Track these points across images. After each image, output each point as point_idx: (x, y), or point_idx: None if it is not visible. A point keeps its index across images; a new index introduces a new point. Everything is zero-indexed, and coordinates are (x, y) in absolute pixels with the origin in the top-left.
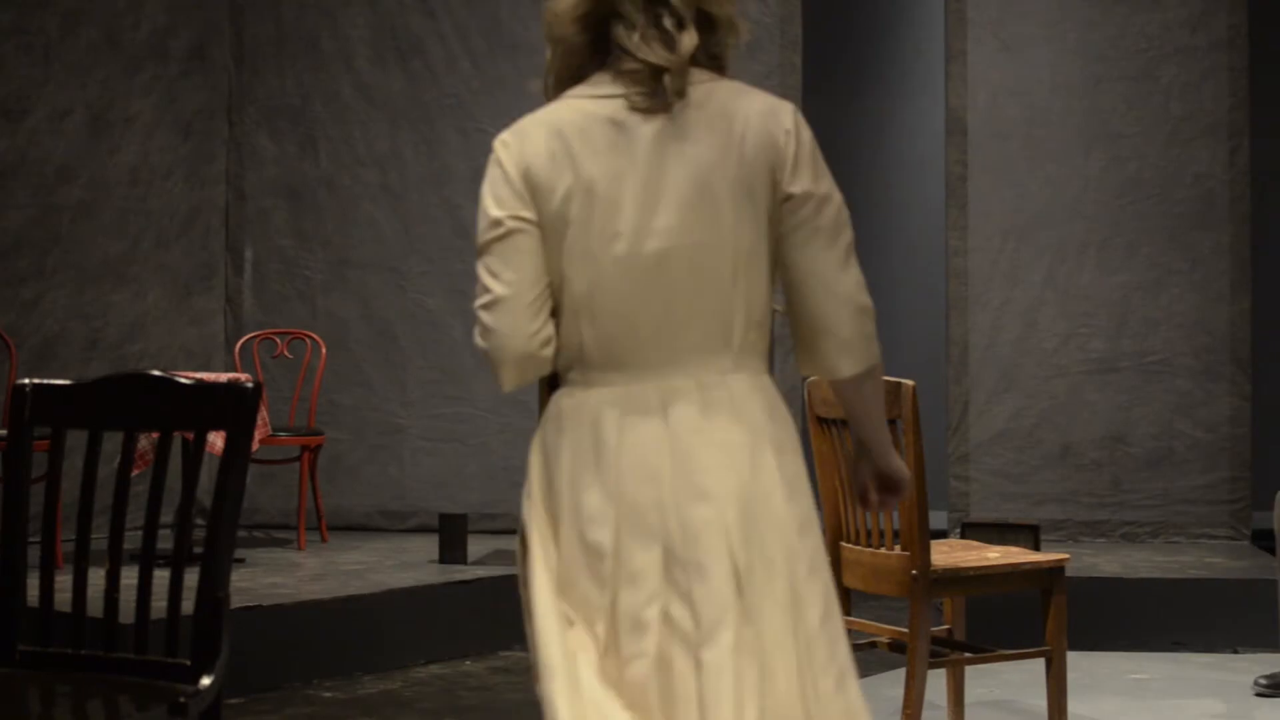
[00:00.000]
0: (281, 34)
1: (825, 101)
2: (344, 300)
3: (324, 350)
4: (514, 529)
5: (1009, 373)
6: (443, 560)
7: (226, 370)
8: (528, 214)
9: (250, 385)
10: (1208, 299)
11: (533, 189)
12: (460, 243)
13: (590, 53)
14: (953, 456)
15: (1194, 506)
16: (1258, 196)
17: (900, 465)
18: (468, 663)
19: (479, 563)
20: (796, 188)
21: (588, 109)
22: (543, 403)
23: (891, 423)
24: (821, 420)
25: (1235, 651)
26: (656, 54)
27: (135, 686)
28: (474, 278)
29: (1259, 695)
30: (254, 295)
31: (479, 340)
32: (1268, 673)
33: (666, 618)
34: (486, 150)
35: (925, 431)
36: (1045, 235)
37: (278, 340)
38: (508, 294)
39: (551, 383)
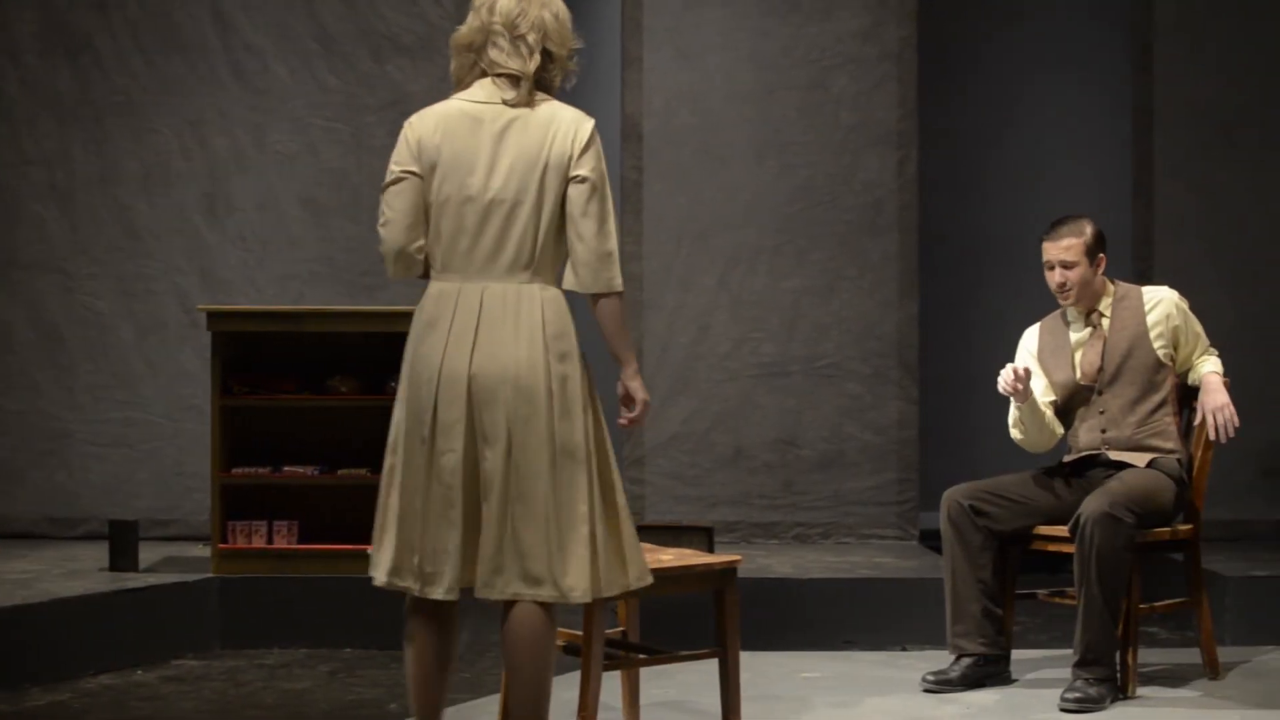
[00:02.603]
0: None
1: None
2: (8, 302)
3: None
4: (187, 536)
5: (683, 377)
6: (113, 568)
7: None
8: (414, 168)
9: None
10: (877, 305)
11: (419, 152)
12: (130, 244)
13: (472, 66)
14: (628, 460)
15: (863, 508)
16: (925, 205)
17: (637, 387)
18: (139, 672)
19: (150, 570)
20: (579, 171)
21: (464, 108)
22: None
23: None
24: None
25: (903, 649)
26: (515, 66)
27: None
28: (145, 279)
29: (926, 692)
30: None
31: (380, 246)
32: (934, 670)
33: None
34: (157, 150)
35: None
36: (719, 241)
37: None
38: (394, 217)
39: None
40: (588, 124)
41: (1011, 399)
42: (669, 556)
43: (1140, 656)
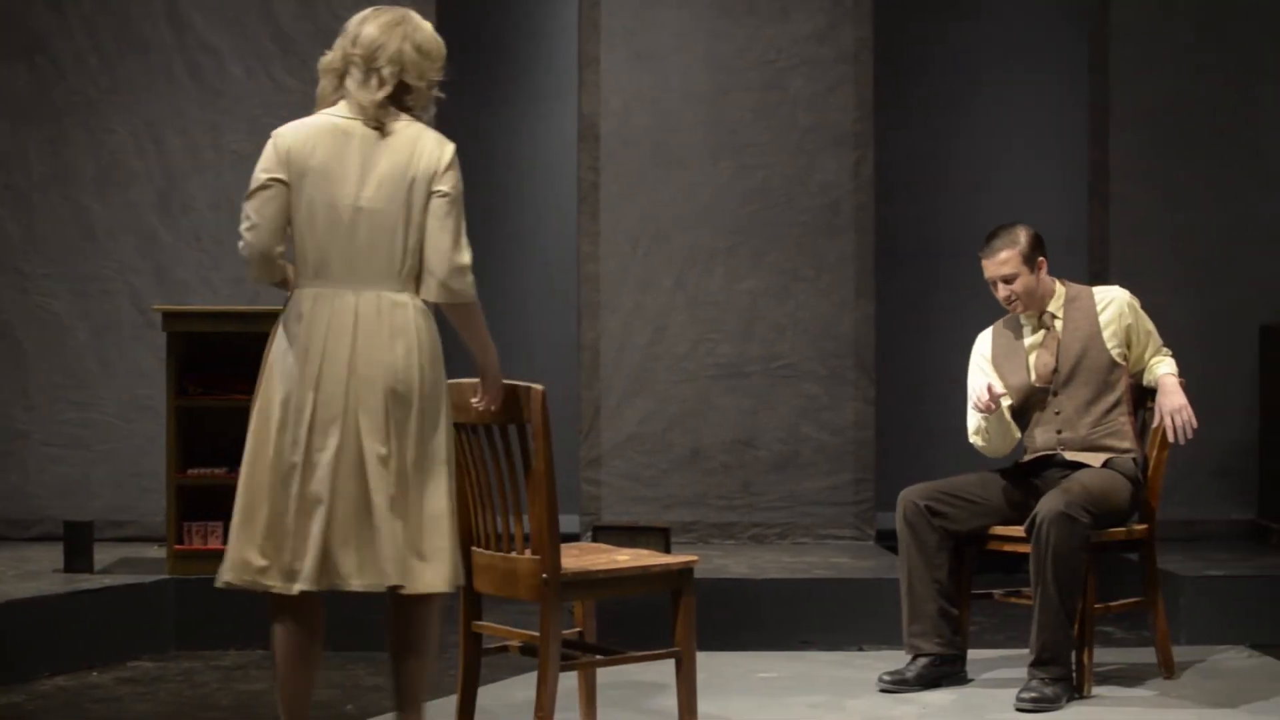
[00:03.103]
0: None
1: (457, 106)
2: None
3: None
4: (142, 537)
5: (640, 377)
6: (68, 569)
7: None
8: (282, 175)
9: None
10: (833, 305)
11: (288, 162)
12: (86, 244)
13: (335, 89)
14: (584, 460)
15: (820, 508)
16: (881, 206)
17: (489, 370)
18: (94, 674)
19: (105, 571)
20: (440, 187)
21: (335, 121)
22: None
23: (520, 427)
24: (455, 425)
25: (860, 649)
26: (363, 97)
27: None
28: (101, 279)
29: (883, 692)
30: None
31: (241, 250)
32: (891, 669)
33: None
34: (113, 150)
35: (557, 436)
36: (675, 242)
37: None
38: (260, 222)
39: None
40: (449, 146)
41: (979, 412)
42: (625, 557)
43: (1096, 656)
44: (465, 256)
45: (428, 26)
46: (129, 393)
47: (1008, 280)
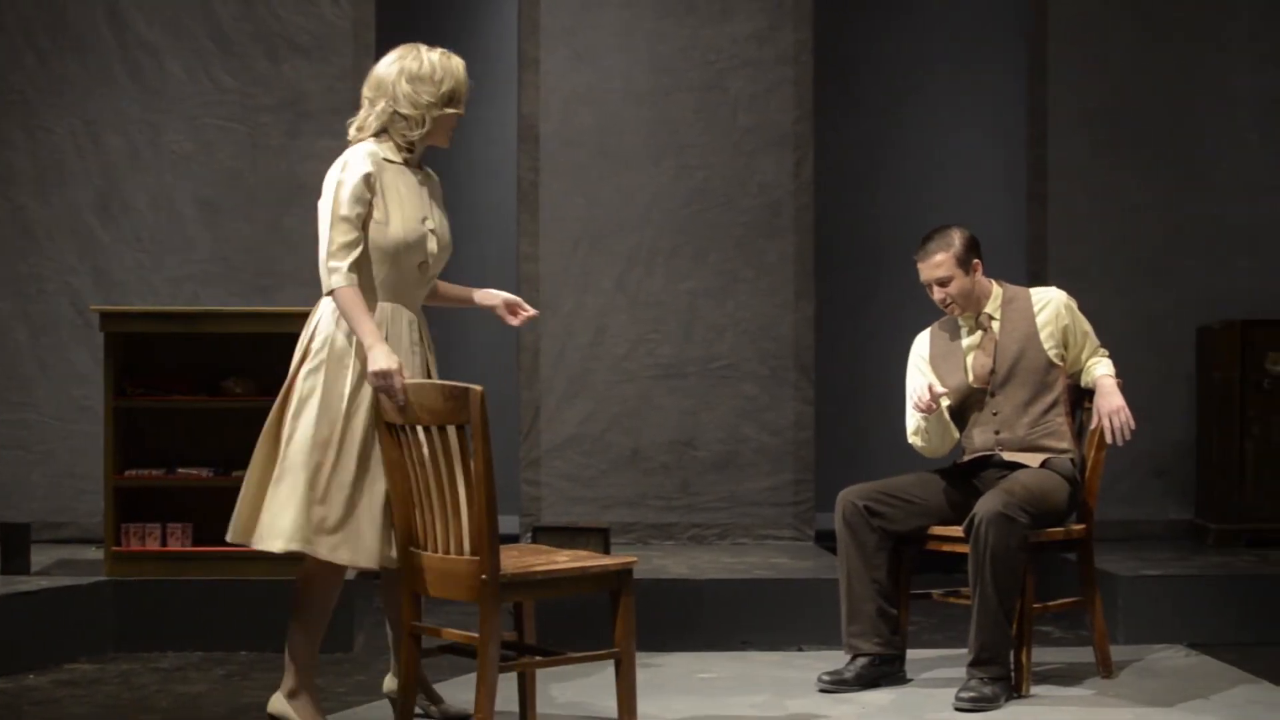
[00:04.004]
0: None
1: None
2: None
3: None
4: (80, 538)
5: (580, 378)
6: (4, 571)
7: None
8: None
9: None
10: (773, 306)
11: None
12: (24, 244)
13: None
14: (524, 461)
15: (760, 508)
16: (821, 207)
17: (372, 359)
18: (31, 676)
19: (43, 573)
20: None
21: (390, 158)
22: None
23: (460, 428)
24: (390, 426)
25: (800, 649)
26: (412, 138)
27: None
28: (38, 279)
29: (822, 692)
30: None
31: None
32: (830, 669)
33: None
34: (51, 149)
35: (496, 436)
36: (616, 242)
37: None
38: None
39: None
40: (337, 161)
41: (919, 412)
42: (565, 558)
43: (1034, 655)
44: (327, 254)
45: (423, 55)
46: (67, 394)
47: (943, 283)
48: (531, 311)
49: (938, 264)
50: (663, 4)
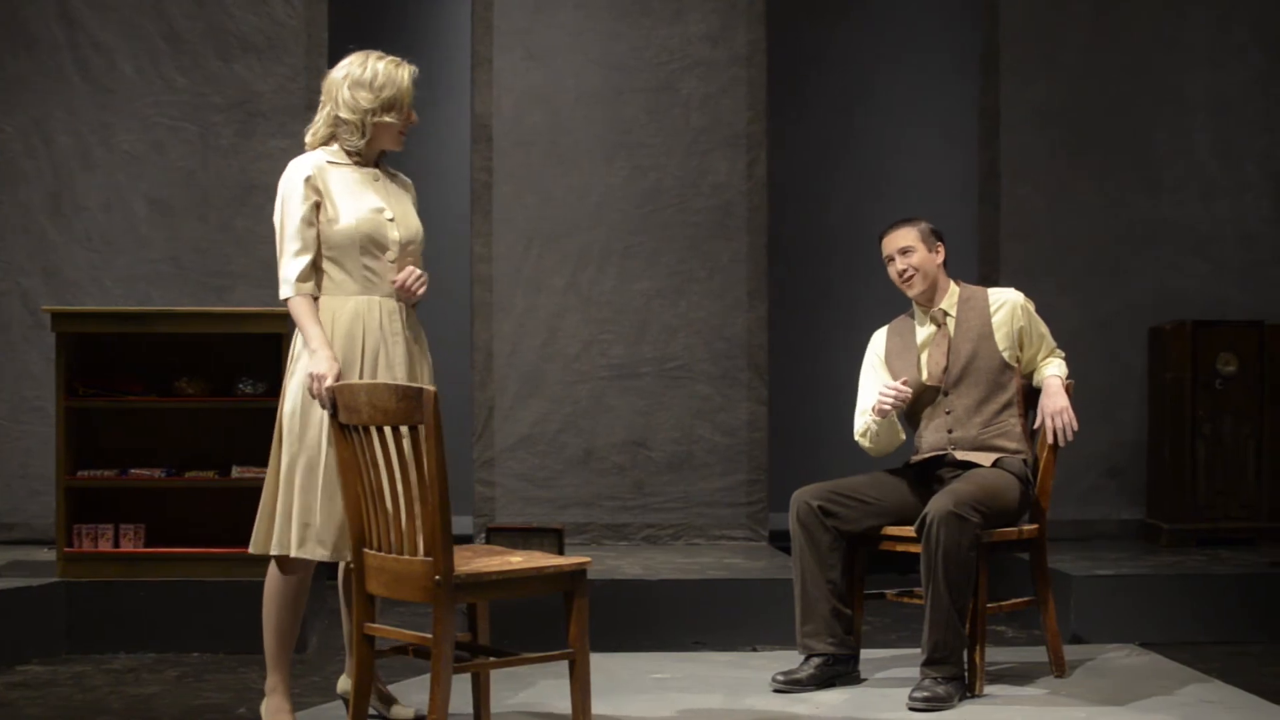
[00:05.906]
0: None
1: None
2: None
3: None
4: (31, 539)
5: (533, 378)
6: None
7: None
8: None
9: None
10: (726, 306)
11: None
12: None
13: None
14: (478, 462)
15: (714, 509)
16: (774, 207)
17: (311, 362)
18: None
19: None
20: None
21: (335, 160)
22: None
23: (413, 428)
24: (344, 427)
25: (754, 650)
26: (353, 144)
27: None
28: None
29: (776, 692)
30: None
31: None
32: (784, 670)
33: None
34: (1, 149)
35: (449, 437)
36: (569, 242)
37: None
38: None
39: None
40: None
41: (870, 412)
42: (519, 559)
43: (988, 655)
44: (279, 266)
45: (372, 62)
46: (18, 394)
47: (905, 252)
48: (415, 273)
49: (902, 235)
50: (616, 4)
